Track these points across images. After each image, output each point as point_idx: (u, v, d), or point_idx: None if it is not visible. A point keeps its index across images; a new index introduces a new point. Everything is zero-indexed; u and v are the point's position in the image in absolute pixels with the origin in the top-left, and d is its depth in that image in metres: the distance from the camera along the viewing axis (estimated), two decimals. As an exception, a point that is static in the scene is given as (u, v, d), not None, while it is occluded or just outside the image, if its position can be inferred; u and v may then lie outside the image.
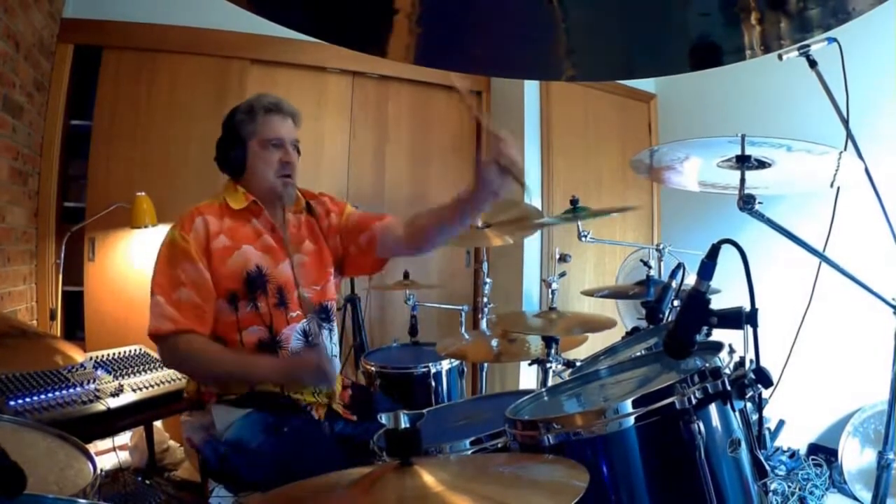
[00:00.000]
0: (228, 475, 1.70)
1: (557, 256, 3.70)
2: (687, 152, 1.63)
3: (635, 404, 1.09)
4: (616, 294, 2.72)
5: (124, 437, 2.76)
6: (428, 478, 0.90)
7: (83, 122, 3.20)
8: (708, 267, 1.21)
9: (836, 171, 1.53)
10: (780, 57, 1.90)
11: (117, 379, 2.25)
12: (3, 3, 2.49)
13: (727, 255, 1.22)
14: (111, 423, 2.12)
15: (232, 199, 1.83)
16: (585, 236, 2.33)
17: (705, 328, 1.22)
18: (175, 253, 1.72)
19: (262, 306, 1.75)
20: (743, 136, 1.36)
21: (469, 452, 1.37)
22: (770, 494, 1.19)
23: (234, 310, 1.74)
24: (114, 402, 2.09)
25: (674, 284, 1.62)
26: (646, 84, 4.34)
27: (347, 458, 1.65)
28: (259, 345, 1.75)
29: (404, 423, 0.96)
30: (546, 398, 1.43)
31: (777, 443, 2.89)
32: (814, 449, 3.13)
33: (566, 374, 1.89)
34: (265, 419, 1.68)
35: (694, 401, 1.09)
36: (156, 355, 2.51)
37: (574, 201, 2.32)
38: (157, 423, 2.75)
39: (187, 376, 1.86)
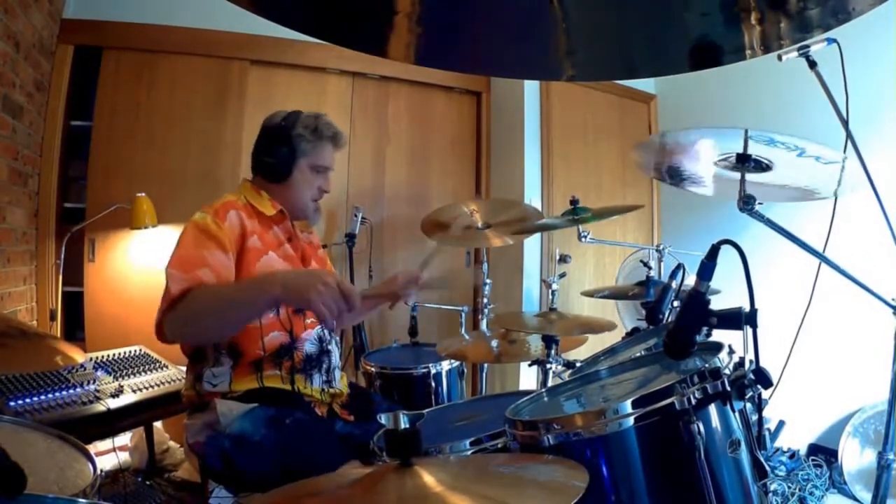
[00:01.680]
0: (230, 471, 1.70)
1: (557, 257, 3.70)
2: (696, 138, 1.60)
3: (635, 405, 1.09)
4: (616, 295, 2.72)
5: (124, 438, 2.76)
6: (428, 478, 0.90)
7: (83, 122, 3.20)
8: (707, 267, 1.21)
9: (840, 179, 1.53)
10: (779, 57, 1.90)
11: (117, 380, 2.25)
12: (3, 3, 2.49)
13: (727, 256, 1.22)
14: (111, 423, 2.12)
15: (258, 204, 1.84)
16: (585, 237, 2.33)
17: (705, 329, 1.22)
18: (205, 235, 1.67)
19: (282, 313, 1.79)
20: (746, 131, 1.35)
21: (469, 453, 1.37)
22: (770, 495, 1.19)
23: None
24: (114, 403, 2.09)
25: (674, 285, 1.62)
26: (646, 84, 4.34)
27: (348, 454, 1.65)
28: (280, 348, 1.78)
29: (404, 423, 0.96)
30: (546, 399, 1.43)
31: (777, 443, 2.89)
32: (814, 449, 3.13)
33: (566, 375, 1.89)
34: (268, 412, 1.69)
35: (694, 401, 1.09)
36: (156, 356, 2.51)
37: (574, 202, 2.32)
38: (158, 424, 2.75)
39: (200, 335, 1.69)
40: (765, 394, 1.17)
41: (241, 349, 1.74)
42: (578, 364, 1.98)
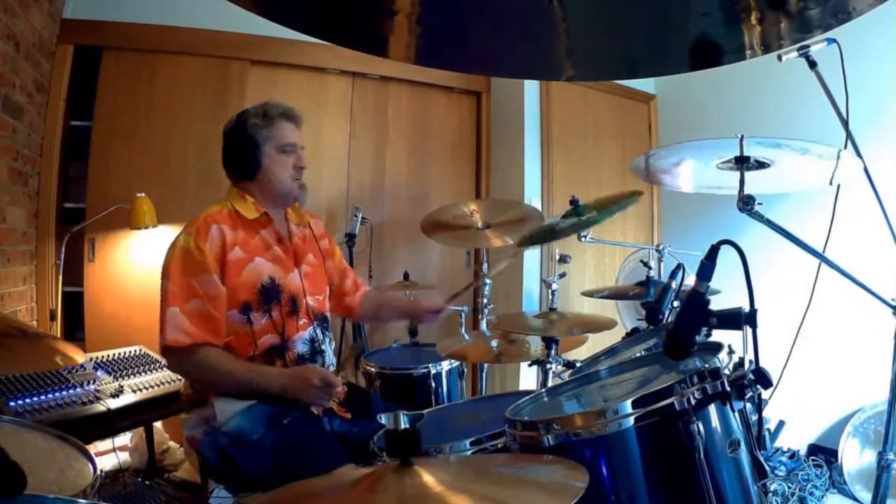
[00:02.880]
0: (228, 469, 1.70)
1: (557, 257, 3.70)
2: (683, 156, 1.63)
3: (635, 405, 1.09)
4: (616, 295, 2.72)
5: (124, 438, 2.76)
6: (428, 478, 0.90)
7: (83, 122, 3.20)
8: (707, 268, 1.21)
9: (835, 168, 1.53)
10: (779, 58, 1.90)
11: (117, 380, 2.25)
12: (3, 3, 2.49)
13: (727, 256, 1.22)
14: (111, 423, 2.12)
15: (242, 209, 1.85)
16: (585, 237, 2.33)
17: (705, 329, 1.22)
18: (190, 263, 1.71)
19: (275, 315, 1.80)
20: (741, 138, 1.36)
21: (469, 453, 1.37)
22: (770, 495, 1.19)
23: (248, 320, 1.77)
24: (114, 403, 2.09)
25: (673, 285, 1.62)
26: (646, 84, 4.34)
27: (345, 455, 1.65)
28: (270, 350, 1.79)
29: (404, 423, 0.96)
30: (546, 399, 1.43)
31: (777, 443, 2.89)
32: (814, 449, 3.13)
33: (566, 375, 1.89)
34: (266, 411, 1.70)
35: (693, 401, 1.09)
36: (156, 356, 2.51)
37: (574, 201, 2.32)
38: (157, 424, 2.75)
39: (198, 383, 1.81)
40: (765, 394, 1.17)
41: (235, 350, 1.76)
42: (578, 364, 1.98)
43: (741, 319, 1.17)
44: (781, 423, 2.74)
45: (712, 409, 1.12)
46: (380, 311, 2.23)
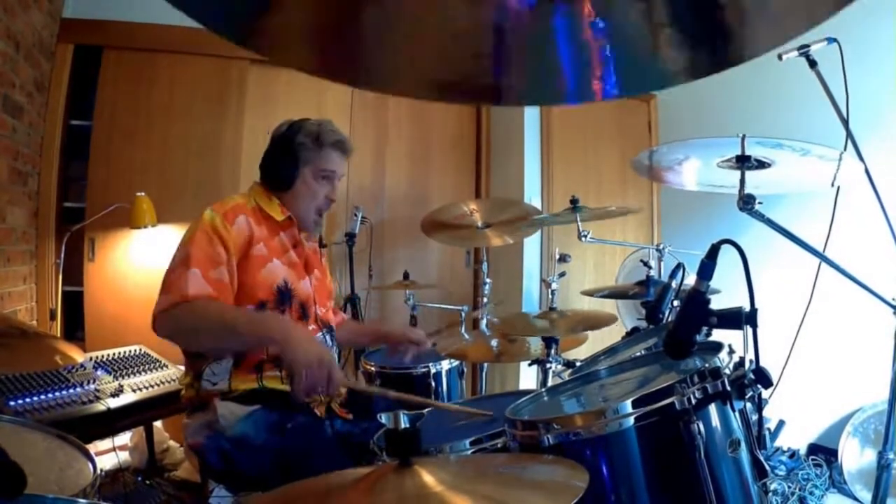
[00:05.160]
0: (231, 473, 1.70)
1: (557, 256, 3.69)
2: (686, 153, 1.63)
3: (635, 405, 1.09)
4: (616, 294, 2.72)
5: (124, 438, 2.76)
6: (428, 478, 0.90)
7: (83, 122, 3.20)
8: (707, 267, 1.21)
9: (837, 170, 1.53)
10: (780, 57, 1.90)
11: (117, 379, 2.25)
12: (3, 3, 2.49)
13: (727, 256, 1.22)
14: (111, 423, 2.12)
15: (268, 208, 1.85)
16: (585, 236, 2.33)
17: (705, 328, 1.22)
18: (217, 235, 1.69)
19: (287, 316, 1.79)
20: (743, 137, 1.36)
21: (469, 452, 1.37)
22: (770, 494, 1.19)
23: None
24: (114, 403, 2.09)
25: (674, 284, 1.62)
26: (646, 84, 4.33)
27: (349, 457, 1.65)
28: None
29: (404, 423, 0.96)
30: (546, 398, 1.43)
31: (777, 443, 2.89)
32: (814, 449, 3.13)
33: (566, 375, 1.89)
34: (269, 416, 1.69)
35: (694, 401, 1.09)
36: (156, 356, 2.51)
37: (574, 201, 2.32)
38: (157, 424, 2.75)
39: (189, 344, 1.75)
40: (765, 393, 1.17)
41: (243, 352, 1.74)
42: (578, 364, 1.98)
43: (741, 319, 1.17)
44: (781, 423, 2.74)
45: (712, 409, 1.12)
46: (357, 337, 2.25)
